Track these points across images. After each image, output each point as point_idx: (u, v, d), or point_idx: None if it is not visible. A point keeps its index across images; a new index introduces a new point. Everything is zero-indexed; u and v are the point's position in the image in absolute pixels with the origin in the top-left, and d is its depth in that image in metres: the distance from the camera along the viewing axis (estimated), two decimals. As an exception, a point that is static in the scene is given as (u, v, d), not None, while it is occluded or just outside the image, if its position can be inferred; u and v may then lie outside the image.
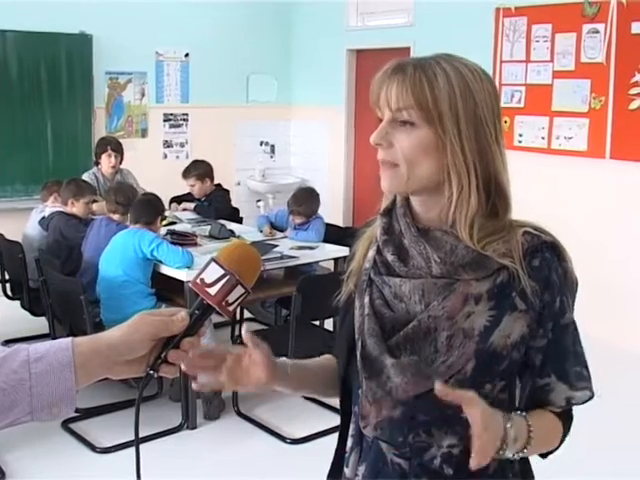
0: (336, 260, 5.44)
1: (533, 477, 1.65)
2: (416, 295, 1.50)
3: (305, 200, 5.93)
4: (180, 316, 1.36)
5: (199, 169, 6.80)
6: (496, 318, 1.48)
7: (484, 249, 1.47)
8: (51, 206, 5.91)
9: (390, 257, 1.56)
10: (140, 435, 4.17)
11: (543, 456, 1.62)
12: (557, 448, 1.59)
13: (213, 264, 1.35)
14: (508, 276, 1.48)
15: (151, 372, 1.35)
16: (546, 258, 1.50)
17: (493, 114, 1.50)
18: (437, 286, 1.49)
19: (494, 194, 1.51)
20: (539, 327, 1.50)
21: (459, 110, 1.45)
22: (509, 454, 1.42)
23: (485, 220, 1.49)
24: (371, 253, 1.61)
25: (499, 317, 1.48)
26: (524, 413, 1.48)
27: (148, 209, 5.05)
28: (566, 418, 1.58)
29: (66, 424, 4.69)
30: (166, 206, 6.76)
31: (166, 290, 4.99)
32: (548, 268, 1.50)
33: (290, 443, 4.60)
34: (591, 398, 1.56)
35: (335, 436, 1.74)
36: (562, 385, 1.53)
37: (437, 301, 1.48)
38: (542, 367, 1.52)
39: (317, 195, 6.07)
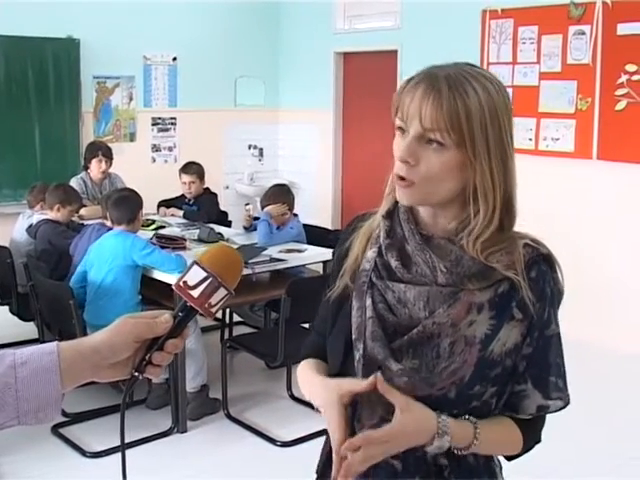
0: (324, 263, 5.45)
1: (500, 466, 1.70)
2: (421, 302, 1.53)
3: (272, 192, 5.98)
4: (164, 318, 1.36)
5: (199, 167, 6.86)
6: (496, 327, 1.51)
7: (487, 260, 1.50)
8: (39, 212, 5.89)
9: (394, 262, 1.57)
10: (131, 439, 4.16)
11: (508, 459, 1.66)
12: (523, 452, 1.62)
13: (195, 267, 1.36)
14: (509, 286, 1.51)
15: (136, 374, 1.35)
16: (542, 270, 1.54)
17: (510, 128, 1.53)
18: (442, 294, 1.52)
19: (504, 210, 1.53)
20: (527, 335, 1.53)
21: (488, 132, 1.48)
22: (442, 444, 1.47)
23: (492, 233, 1.52)
24: (371, 254, 1.62)
25: (499, 326, 1.51)
26: (472, 417, 1.51)
27: (126, 207, 5.01)
28: (530, 426, 1.59)
29: (56, 429, 4.68)
30: (154, 210, 6.79)
31: (156, 294, 4.98)
32: (543, 280, 1.53)
33: (280, 446, 4.60)
34: (563, 408, 1.58)
35: (326, 438, 1.75)
36: (537, 393, 1.55)
37: (442, 308, 1.51)
38: (521, 374, 1.55)
39: (286, 187, 6.16)
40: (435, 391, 1.50)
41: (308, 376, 1.69)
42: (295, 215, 6.01)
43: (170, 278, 4.74)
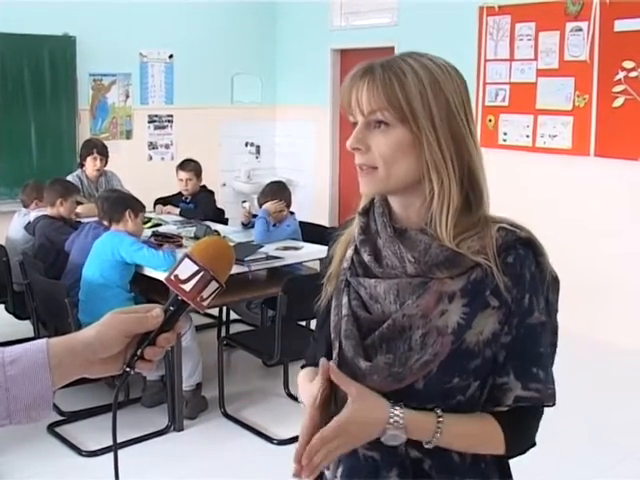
0: (321, 260, 5.41)
1: (510, 475, 1.64)
2: (391, 295, 1.51)
3: (269, 189, 5.97)
4: (155, 312, 1.34)
5: (196, 164, 6.85)
6: (469, 315, 1.47)
7: (458, 246, 1.47)
8: (36, 210, 5.88)
9: (367, 257, 1.56)
10: (127, 438, 4.14)
11: (501, 457, 1.59)
12: (513, 452, 1.56)
13: (187, 260, 1.34)
14: (482, 273, 1.47)
15: (127, 369, 1.34)
16: (520, 255, 1.49)
17: (464, 105, 1.50)
18: (411, 285, 1.49)
19: (468, 186, 1.50)
20: (506, 323, 1.48)
21: (431, 105, 1.46)
22: (396, 435, 1.45)
23: (460, 214, 1.49)
24: (349, 253, 1.61)
25: (472, 314, 1.47)
26: (438, 410, 1.48)
27: (113, 206, 5.03)
28: (512, 422, 1.52)
29: (52, 427, 4.66)
30: (151, 208, 6.77)
31: (150, 292, 4.97)
32: (521, 265, 1.49)
33: (277, 444, 4.59)
34: (542, 400, 1.52)
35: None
36: (518, 385, 1.50)
37: (411, 300, 1.48)
38: (503, 365, 1.50)
39: (282, 183, 6.14)
40: (404, 385, 1.48)
41: (301, 386, 1.69)
42: (292, 213, 6.00)
43: (161, 275, 4.73)
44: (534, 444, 1.58)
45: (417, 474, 1.53)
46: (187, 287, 1.33)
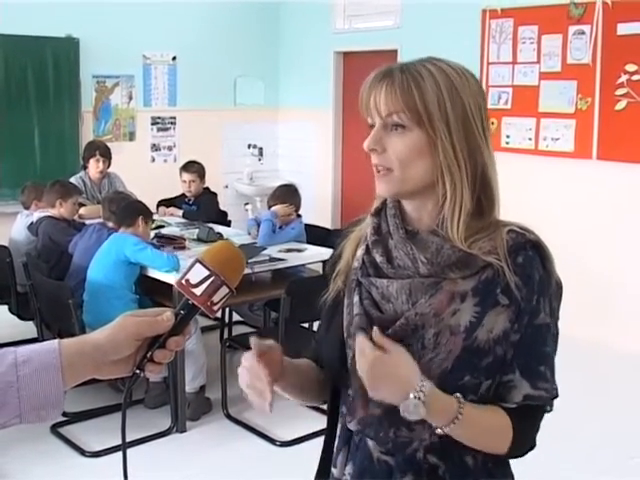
0: (324, 262, 5.43)
1: (512, 476, 1.65)
2: (403, 295, 1.52)
3: (280, 192, 5.97)
4: (165, 316, 1.36)
5: (200, 166, 6.87)
6: (480, 314, 1.49)
7: (470, 247, 1.49)
8: (39, 211, 5.89)
9: (379, 258, 1.58)
10: (129, 439, 4.17)
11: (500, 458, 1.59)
12: (515, 452, 1.56)
13: (198, 265, 1.36)
14: (493, 273, 1.50)
15: (137, 372, 1.35)
16: (529, 256, 1.52)
17: (480, 111, 1.52)
18: (424, 285, 1.51)
19: (480, 190, 1.53)
20: (516, 322, 1.51)
21: (448, 109, 1.48)
22: (416, 404, 1.42)
23: (471, 218, 1.51)
24: (360, 252, 1.63)
25: (483, 313, 1.49)
26: (459, 395, 1.47)
27: (126, 211, 5.09)
28: (519, 419, 1.53)
29: (55, 428, 4.68)
30: (154, 209, 6.77)
31: (155, 293, 4.98)
32: (530, 266, 1.51)
33: (280, 445, 4.60)
34: (549, 399, 1.54)
35: (325, 438, 1.75)
36: (524, 382, 1.52)
37: (424, 299, 1.50)
38: (509, 363, 1.52)
39: (293, 187, 6.14)
40: None
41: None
42: (299, 216, 6.01)
43: (167, 277, 4.75)
44: (534, 446, 1.59)
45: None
46: (198, 291, 1.35)
